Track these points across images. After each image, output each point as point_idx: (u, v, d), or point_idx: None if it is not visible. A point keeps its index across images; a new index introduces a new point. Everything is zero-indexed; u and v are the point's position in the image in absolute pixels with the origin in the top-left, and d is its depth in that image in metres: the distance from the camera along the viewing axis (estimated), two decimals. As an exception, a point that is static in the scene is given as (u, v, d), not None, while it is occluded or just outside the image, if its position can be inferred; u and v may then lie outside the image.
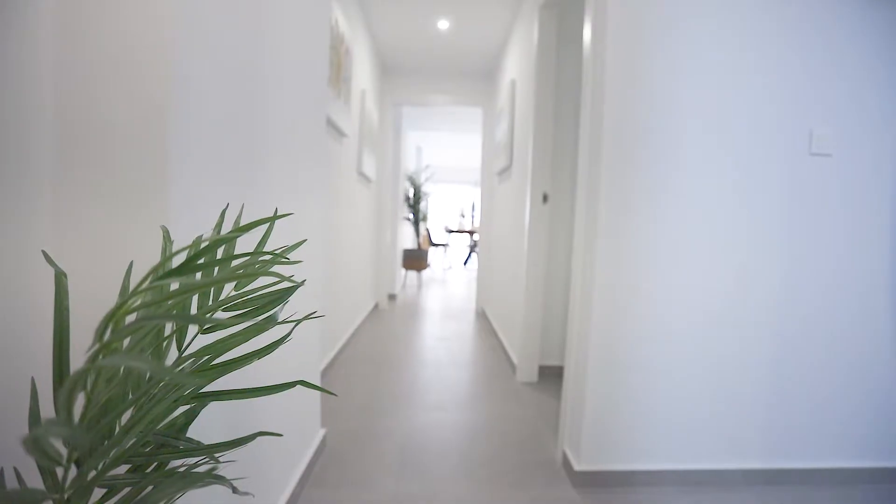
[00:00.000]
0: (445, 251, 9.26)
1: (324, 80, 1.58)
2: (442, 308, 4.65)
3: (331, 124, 2.30)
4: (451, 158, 10.01)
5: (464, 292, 5.84)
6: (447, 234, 9.28)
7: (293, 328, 0.55)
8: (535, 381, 2.51)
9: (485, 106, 4.34)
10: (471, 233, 9.21)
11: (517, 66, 3.03)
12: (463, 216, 10.49)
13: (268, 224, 0.96)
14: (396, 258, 5.20)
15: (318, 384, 1.65)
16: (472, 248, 9.13)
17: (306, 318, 0.55)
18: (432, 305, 4.78)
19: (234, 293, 0.52)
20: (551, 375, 2.60)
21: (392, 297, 5.02)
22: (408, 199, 6.10)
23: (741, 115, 1.45)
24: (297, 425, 1.42)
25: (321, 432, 1.67)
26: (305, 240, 0.87)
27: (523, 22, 2.84)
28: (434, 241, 9.00)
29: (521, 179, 2.75)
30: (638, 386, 1.49)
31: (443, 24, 3.31)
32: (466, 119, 6.17)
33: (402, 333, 3.49)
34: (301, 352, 1.43)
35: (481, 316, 4.31)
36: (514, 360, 2.64)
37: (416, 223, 6.16)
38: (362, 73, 3.23)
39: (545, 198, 2.40)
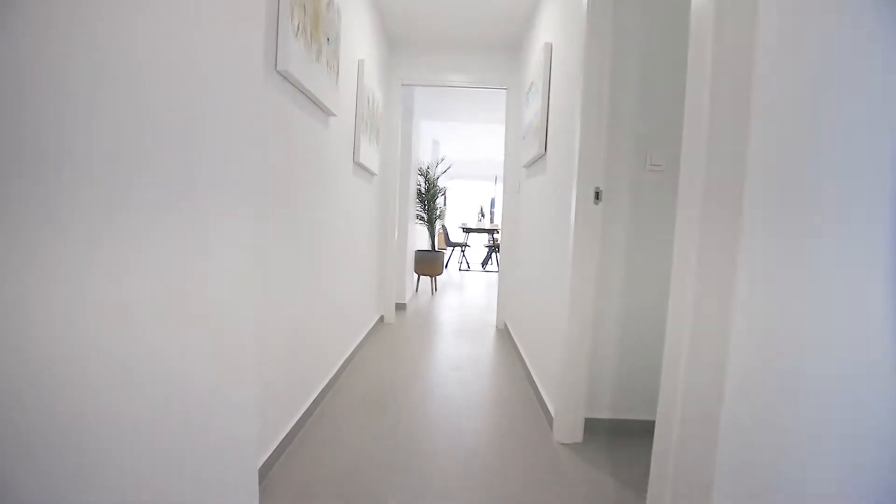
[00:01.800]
0: (463, 251, 8.64)
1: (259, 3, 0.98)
2: (457, 321, 4.03)
3: (304, 93, 1.70)
4: (469, 152, 9.36)
5: (482, 300, 5.21)
6: (464, 233, 8.66)
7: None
8: (579, 442, 1.87)
9: (510, 86, 3.68)
10: (490, 231, 8.57)
11: (554, 26, 2.37)
12: (483, 214, 9.84)
13: None
14: (407, 262, 4.61)
15: (255, 489, 1.05)
16: (491, 248, 8.49)
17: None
18: (446, 317, 4.17)
19: None
20: (602, 432, 1.95)
21: (401, 306, 4.42)
22: (420, 194, 5.50)
23: None
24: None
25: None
26: None
27: (564, -34, 2.18)
28: (451, 241, 8.40)
29: (561, 171, 2.10)
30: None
31: (460, -20, 2.68)
32: (487, 108, 5.52)
33: (409, 359, 2.88)
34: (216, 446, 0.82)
35: (503, 333, 3.67)
36: (550, 407, 2.01)
37: (430, 222, 5.55)
38: (360, 40, 2.62)
39: (597, 195, 1.75)
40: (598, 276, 1.84)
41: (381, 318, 3.84)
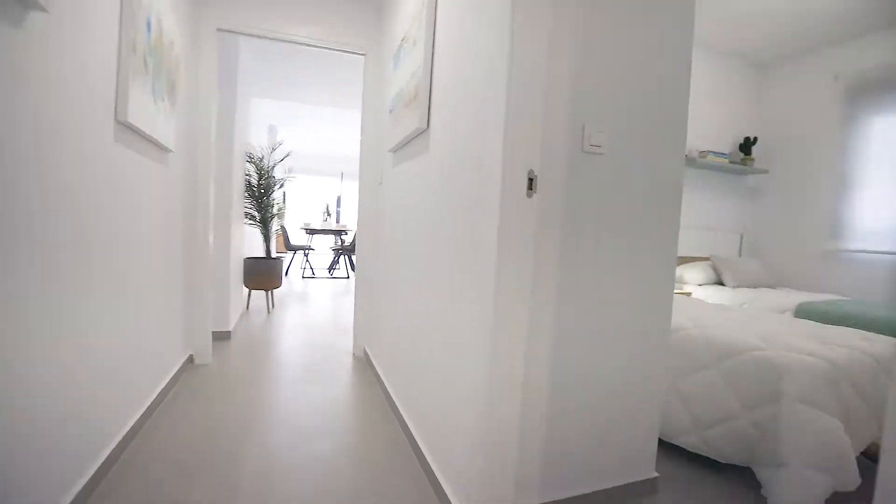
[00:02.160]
0: (306, 256, 7.53)
1: None
2: (303, 350, 3.12)
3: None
4: (314, 143, 8.25)
5: (331, 315, 4.34)
6: (308, 234, 7.57)
7: None
8: (504, 556, 1.25)
9: (369, 52, 2.93)
10: (337, 232, 7.64)
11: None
12: (329, 213, 8.83)
13: None
14: (231, 274, 3.49)
15: None
16: (339, 251, 7.57)
17: None
18: (288, 346, 3.21)
19: None
20: (526, 525, 1.36)
21: (222, 336, 3.30)
22: (251, 187, 4.36)
23: None
24: None
25: None
26: None
27: None
28: (292, 245, 7.24)
29: (457, 150, 1.46)
30: None
31: None
32: (336, 84, 4.65)
33: (226, 428, 1.92)
34: None
35: (363, 363, 2.91)
36: (451, 494, 1.35)
37: (263, 222, 4.43)
38: (130, -78, 1.58)
39: (531, 183, 1.15)
40: (530, 300, 1.24)
41: (191, 359, 2.71)
